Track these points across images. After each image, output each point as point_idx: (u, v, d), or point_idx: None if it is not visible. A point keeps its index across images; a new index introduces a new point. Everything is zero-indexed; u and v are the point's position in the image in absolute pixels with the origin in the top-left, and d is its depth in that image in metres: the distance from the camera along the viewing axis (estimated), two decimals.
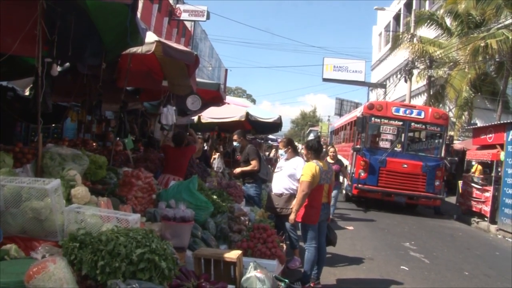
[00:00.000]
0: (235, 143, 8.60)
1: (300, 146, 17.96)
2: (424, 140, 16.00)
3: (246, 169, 8.13)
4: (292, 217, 5.82)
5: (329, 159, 10.81)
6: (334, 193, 10.05)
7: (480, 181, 14.56)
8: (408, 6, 34.08)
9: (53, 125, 11.49)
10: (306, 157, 6.27)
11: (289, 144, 7.12)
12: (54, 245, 3.29)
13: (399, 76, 26.90)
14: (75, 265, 2.94)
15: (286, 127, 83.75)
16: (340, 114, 42.02)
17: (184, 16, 29.85)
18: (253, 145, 8.80)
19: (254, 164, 7.99)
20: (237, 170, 8.44)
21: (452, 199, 16.39)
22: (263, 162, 8.74)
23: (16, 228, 3.42)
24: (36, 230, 3.44)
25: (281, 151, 7.69)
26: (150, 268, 2.93)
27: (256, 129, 14.69)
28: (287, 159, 7.08)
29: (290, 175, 6.76)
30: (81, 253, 2.98)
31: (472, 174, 15.32)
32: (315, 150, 6.04)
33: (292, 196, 6.58)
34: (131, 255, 2.88)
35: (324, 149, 10.86)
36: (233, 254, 4.09)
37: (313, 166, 5.77)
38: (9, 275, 2.65)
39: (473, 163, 16.75)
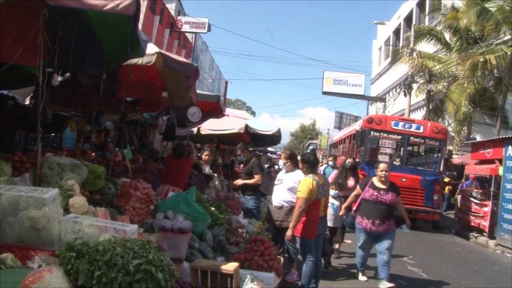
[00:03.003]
0: (238, 157, 8.65)
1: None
2: (423, 154, 16.02)
3: (249, 182, 8.15)
4: (289, 233, 5.80)
5: (377, 182, 7.17)
6: (387, 243, 6.99)
7: (479, 196, 14.57)
8: (408, 21, 34.36)
9: (53, 134, 11.49)
10: (302, 171, 6.26)
11: (290, 158, 7.06)
12: (50, 254, 3.27)
13: (398, 90, 27.00)
14: (71, 275, 2.93)
15: (286, 139, 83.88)
16: (339, 127, 42.12)
17: (185, 28, 30.06)
18: (257, 158, 8.83)
19: (258, 178, 8.04)
20: (239, 182, 8.43)
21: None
22: (265, 176, 8.76)
23: (13, 237, 3.41)
24: (33, 239, 3.43)
25: (280, 162, 7.72)
26: (147, 279, 2.91)
27: (255, 142, 14.71)
28: (287, 171, 7.07)
29: (290, 188, 6.72)
30: (77, 263, 2.97)
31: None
32: (311, 163, 6.03)
33: (292, 209, 6.55)
34: (127, 265, 2.87)
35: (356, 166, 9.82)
36: (230, 266, 4.08)
37: (310, 181, 5.75)
38: (4, 284, 2.64)
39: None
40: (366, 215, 7.00)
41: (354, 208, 7.29)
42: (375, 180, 7.16)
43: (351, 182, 8.78)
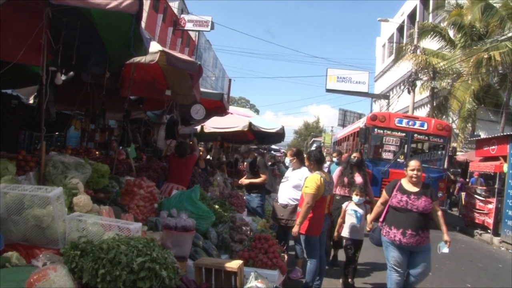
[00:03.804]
0: (245, 160, 8.73)
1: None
2: (427, 151, 15.97)
3: (255, 181, 8.20)
4: (295, 229, 5.78)
5: (406, 184, 5.57)
6: (421, 268, 5.48)
7: (483, 193, 14.53)
8: (411, 17, 34.26)
9: (57, 133, 11.53)
10: (308, 168, 6.25)
11: (296, 155, 7.05)
12: (55, 253, 3.29)
13: (402, 87, 26.94)
14: (76, 273, 2.94)
15: (289, 137, 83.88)
16: (343, 125, 42.06)
17: (188, 26, 30.07)
18: (261, 156, 8.87)
19: (264, 177, 8.11)
20: (245, 181, 8.46)
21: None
22: (270, 173, 8.80)
23: (18, 235, 3.43)
24: (38, 237, 3.45)
25: (287, 159, 7.65)
26: (151, 277, 2.93)
27: (259, 140, 14.72)
28: (293, 169, 7.07)
29: (296, 185, 6.72)
30: (82, 261, 2.98)
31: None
32: (317, 160, 6.02)
33: (296, 207, 6.54)
34: (132, 263, 2.89)
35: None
36: (234, 264, 4.08)
37: (318, 178, 5.74)
38: (9, 283, 2.65)
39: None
40: (395, 224, 5.42)
41: (381, 219, 5.73)
42: (404, 182, 5.58)
43: (358, 179, 7.86)
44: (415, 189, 5.46)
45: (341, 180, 7.90)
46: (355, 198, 6.95)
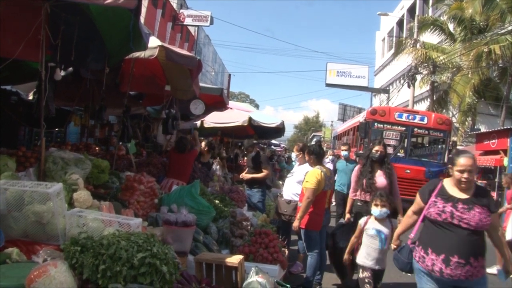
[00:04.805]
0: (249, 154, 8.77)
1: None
2: (427, 145, 15.96)
3: (257, 176, 8.22)
4: (296, 224, 5.80)
5: (451, 188, 3.81)
6: None
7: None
8: (411, 11, 34.16)
9: (56, 129, 11.52)
10: (309, 163, 6.25)
11: (302, 150, 7.11)
12: (55, 248, 3.29)
13: (402, 81, 26.89)
14: (76, 269, 2.94)
15: (289, 132, 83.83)
16: (343, 119, 42.05)
17: (187, 21, 29.93)
18: (264, 152, 8.91)
19: (267, 172, 8.15)
20: (247, 176, 8.46)
21: None
22: (270, 168, 8.86)
23: (18, 231, 3.43)
24: (38, 233, 3.45)
25: (293, 154, 7.66)
26: (151, 272, 2.93)
27: (258, 134, 14.70)
28: (299, 164, 7.10)
29: (300, 181, 6.71)
30: (82, 257, 2.98)
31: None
32: (317, 154, 6.02)
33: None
34: (132, 259, 2.89)
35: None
36: (234, 259, 4.09)
37: (318, 172, 5.75)
38: (10, 278, 2.65)
39: None
40: (434, 245, 3.75)
41: (411, 235, 4.14)
42: (447, 184, 3.87)
43: (381, 179, 6.11)
44: (464, 195, 3.73)
45: (361, 182, 6.22)
46: (375, 210, 5.11)
